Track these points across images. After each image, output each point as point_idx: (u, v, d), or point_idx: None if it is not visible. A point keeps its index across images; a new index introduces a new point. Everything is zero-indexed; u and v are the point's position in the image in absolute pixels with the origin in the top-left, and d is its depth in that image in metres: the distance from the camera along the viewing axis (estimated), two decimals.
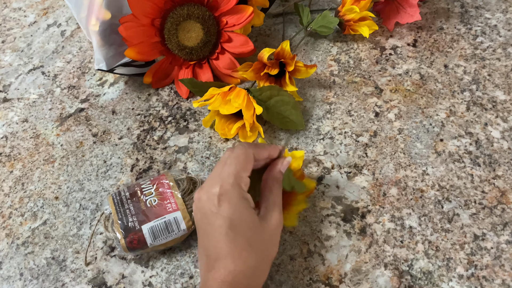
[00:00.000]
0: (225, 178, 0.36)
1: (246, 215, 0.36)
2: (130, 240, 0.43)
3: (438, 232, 0.45)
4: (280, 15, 0.67)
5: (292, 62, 0.53)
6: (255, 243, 0.36)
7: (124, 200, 0.45)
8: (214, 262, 0.35)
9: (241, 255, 0.35)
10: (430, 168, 0.49)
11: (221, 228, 0.35)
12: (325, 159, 0.51)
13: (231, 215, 0.35)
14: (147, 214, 0.44)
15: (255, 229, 0.36)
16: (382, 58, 0.60)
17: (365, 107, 0.55)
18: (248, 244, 0.35)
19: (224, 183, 0.36)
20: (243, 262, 0.34)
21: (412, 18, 0.61)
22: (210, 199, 0.36)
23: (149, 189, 0.46)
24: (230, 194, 0.36)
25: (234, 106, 0.50)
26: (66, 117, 0.59)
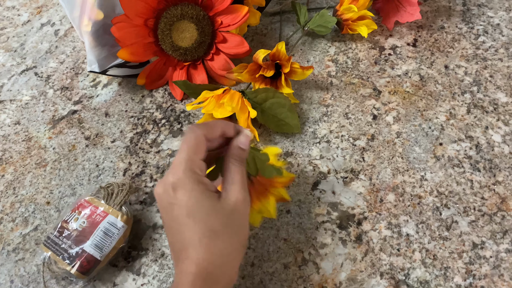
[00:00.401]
0: (176, 165, 0.34)
1: (203, 199, 0.34)
2: (80, 264, 0.43)
3: (436, 240, 0.44)
4: (277, 14, 0.66)
5: (288, 64, 0.52)
6: (217, 227, 0.34)
7: (56, 240, 0.45)
8: (179, 254, 0.34)
9: (202, 242, 0.33)
10: (429, 173, 0.48)
11: (179, 218, 0.33)
12: (321, 164, 0.50)
13: (186, 202, 0.33)
14: (82, 236, 0.44)
15: (215, 212, 0.34)
16: (381, 58, 0.59)
17: (363, 109, 0.54)
18: (208, 230, 0.33)
19: (176, 170, 0.34)
20: (206, 250, 0.33)
21: (412, 17, 0.59)
22: (166, 190, 0.34)
23: (73, 217, 0.46)
24: (183, 181, 0.34)
25: (228, 109, 0.49)
26: (59, 120, 0.58)
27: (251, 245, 0.45)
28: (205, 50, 0.57)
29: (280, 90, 0.54)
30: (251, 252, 0.45)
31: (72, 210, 0.47)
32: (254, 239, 0.45)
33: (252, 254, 0.44)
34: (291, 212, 0.47)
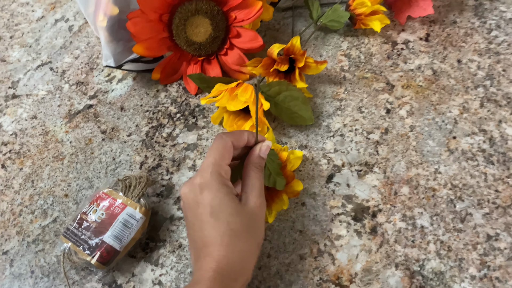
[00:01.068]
0: (205, 168, 0.37)
1: (226, 201, 0.36)
2: (99, 255, 0.44)
3: (450, 232, 0.44)
4: (290, 9, 0.66)
5: (302, 58, 0.53)
6: (238, 227, 0.36)
7: (75, 231, 0.46)
8: (200, 251, 0.35)
9: (224, 241, 0.35)
10: (443, 166, 0.49)
11: (202, 216, 0.35)
12: (335, 157, 0.51)
13: (211, 201, 0.36)
14: (102, 228, 0.45)
15: (237, 214, 0.36)
16: (394, 53, 0.59)
17: (376, 103, 0.54)
18: (230, 229, 0.35)
19: (204, 173, 0.37)
20: (227, 248, 0.35)
21: (425, 11, 0.60)
22: (192, 190, 0.37)
23: (92, 209, 0.47)
24: (209, 183, 0.36)
25: (241, 101, 0.49)
26: (75, 114, 0.59)
27: (267, 236, 0.46)
28: (219, 45, 0.58)
29: (294, 84, 0.54)
30: (267, 243, 0.45)
31: (90, 203, 0.48)
32: (270, 230, 0.46)
33: (268, 246, 0.45)
34: (306, 204, 0.47)
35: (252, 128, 0.52)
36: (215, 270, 0.34)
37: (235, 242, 0.35)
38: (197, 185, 0.36)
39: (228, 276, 0.34)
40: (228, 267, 0.34)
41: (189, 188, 0.37)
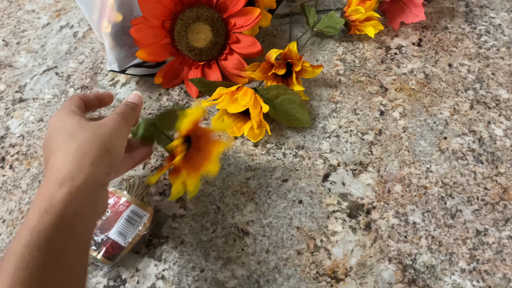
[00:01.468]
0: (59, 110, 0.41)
1: (70, 119, 0.39)
2: (105, 251, 0.46)
3: (441, 228, 0.46)
4: (287, 16, 0.69)
5: (299, 63, 0.55)
6: (76, 132, 0.37)
7: None
8: (46, 163, 0.37)
9: (65, 145, 0.36)
10: (434, 165, 0.51)
11: (51, 137, 0.38)
12: (331, 157, 0.53)
13: (58, 124, 0.39)
14: (107, 225, 0.47)
15: (80, 126, 0.38)
16: (387, 57, 0.61)
17: (370, 106, 0.57)
18: (68, 135, 0.37)
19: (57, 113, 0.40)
20: (64, 150, 0.36)
21: (417, 18, 0.62)
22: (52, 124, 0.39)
23: None
24: (59, 113, 0.40)
25: (242, 104, 0.51)
26: None
27: (266, 233, 0.48)
28: (219, 50, 0.60)
29: (291, 87, 0.56)
30: (266, 239, 0.47)
31: None
32: (268, 227, 0.48)
33: (267, 242, 0.47)
34: (303, 202, 0.49)
35: (252, 130, 0.54)
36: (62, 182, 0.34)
37: (73, 143, 0.36)
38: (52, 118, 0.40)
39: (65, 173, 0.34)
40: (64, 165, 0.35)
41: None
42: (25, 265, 0.31)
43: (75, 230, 0.34)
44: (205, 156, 0.48)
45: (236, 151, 0.55)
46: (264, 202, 0.50)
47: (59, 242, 0.33)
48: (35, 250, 0.32)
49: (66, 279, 0.33)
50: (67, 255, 0.33)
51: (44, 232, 0.32)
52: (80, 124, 0.38)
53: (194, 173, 0.45)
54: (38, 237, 0.32)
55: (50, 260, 0.32)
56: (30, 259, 0.31)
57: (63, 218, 0.33)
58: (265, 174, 0.52)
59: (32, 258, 0.31)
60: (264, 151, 0.54)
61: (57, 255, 0.33)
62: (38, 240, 0.32)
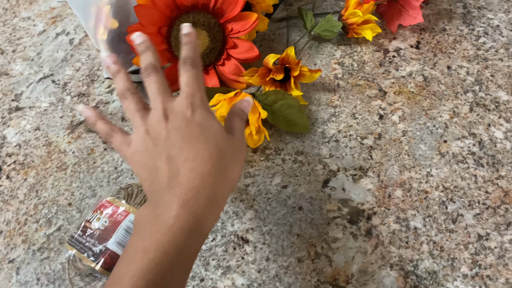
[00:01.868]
0: (192, 93, 0.37)
1: (216, 124, 0.37)
2: (104, 261, 0.45)
3: (443, 233, 0.46)
4: (284, 20, 0.68)
5: (297, 68, 0.54)
6: (226, 150, 0.36)
7: (80, 238, 0.48)
8: (180, 166, 0.34)
9: (212, 159, 0.35)
10: (434, 169, 0.50)
11: (192, 133, 0.35)
12: (330, 162, 0.52)
13: (202, 122, 0.36)
14: (105, 234, 0.47)
15: (225, 139, 0.37)
16: (386, 60, 0.61)
17: (369, 109, 0.56)
18: (218, 150, 0.35)
19: (193, 97, 0.37)
20: (212, 164, 0.34)
21: (415, 20, 0.62)
22: (183, 109, 0.36)
23: (95, 216, 0.48)
24: (200, 106, 0.37)
25: None
26: (77, 125, 0.60)
27: (266, 240, 0.47)
28: (216, 56, 0.59)
29: (290, 92, 0.56)
30: (266, 247, 0.47)
31: (94, 211, 0.49)
32: (268, 235, 0.47)
33: (267, 249, 0.47)
34: (303, 209, 0.49)
35: (251, 136, 0.53)
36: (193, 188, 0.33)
37: (221, 163, 0.35)
38: (188, 105, 0.36)
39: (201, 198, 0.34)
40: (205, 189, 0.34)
41: (180, 104, 0.37)
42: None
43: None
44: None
45: None
46: (264, 209, 0.49)
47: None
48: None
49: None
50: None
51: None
52: (226, 139, 0.37)
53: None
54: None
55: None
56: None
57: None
58: (265, 180, 0.52)
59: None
60: (263, 157, 0.54)
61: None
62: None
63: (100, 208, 0.49)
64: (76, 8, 0.65)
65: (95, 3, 0.61)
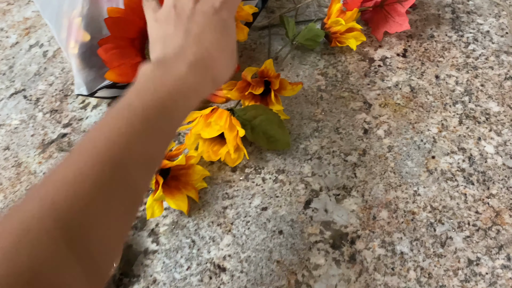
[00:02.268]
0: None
1: (234, 29, 0.42)
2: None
3: (431, 258, 0.43)
4: (266, 28, 0.66)
5: (276, 81, 0.52)
6: (234, 54, 0.42)
7: None
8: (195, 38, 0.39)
9: (225, 49, 0.40)
10: (422, 188, 0.48)
11: (217, 25, 0.40)
12: (313, 181, 0.49)
13: (227, 19, 0.41)
14: None
15: (235, 45, 0.42)
16: (371, 70, 0.58)
17: (354, 123, 0.53)
18: (231, 48, 0.41)
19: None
20: (224, 55, 0.40)
21: (401, 27, 0.59)
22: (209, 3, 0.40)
23: None
24: (230, 8, 0.41)
25: (216, 129, 0.48)
26: (48, 144, 0.57)
27: (244, 268, 0.44)
28: None
29: (270, 107, 0.53)
30: (243, 276, 0.44)
31: None
32: (246, 262, 0.45)
33: (244, 278, 0.44)
34: (283, 232, 0.46)
35: (228, 155, 0.50)
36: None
37: (230, 60, 0.41)
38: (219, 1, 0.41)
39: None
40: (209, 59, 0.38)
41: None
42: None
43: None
44: (184, 185, 0.49)
45: (212, 177, 0.51)
46: (242, 234, 0.47)
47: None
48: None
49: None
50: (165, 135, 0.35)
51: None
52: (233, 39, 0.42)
53: (174, 195, 0.47)
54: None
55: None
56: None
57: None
58: (244, 202, 0.49)
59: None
60: (242, 177, 0.51)
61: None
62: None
63: None
64: (49, 19, 0.62)
65: (66, 15, 0.58)
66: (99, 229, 0.27)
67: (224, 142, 0.52)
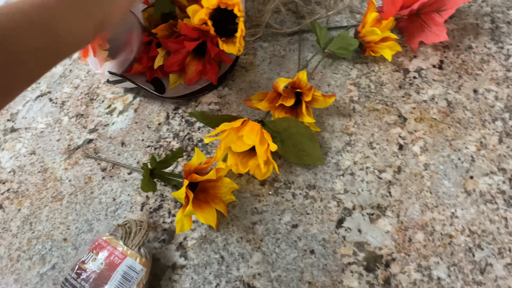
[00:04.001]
0: None
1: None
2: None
3: (469, 285, 0.42)
4: (296, 34, 0.64)
5: (309, 93, 0.50)
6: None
7: (74, 282, 0.44)
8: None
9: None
10: (459, 209, 0.46)
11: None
12: (345, 198, 0.48)
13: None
14: (101, 279, 0.43)
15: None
16: (406, 82, 0.56)
17: (388, 138, 0.52)
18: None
19: None
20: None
21: (438, 38, 0.57)
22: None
23: (91, 257, 0.45)
24: None
25: (247, 143, 0.47)
26: (74, 149, 0.57)
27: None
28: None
29: (301, 118, 0.52)
30: None
31: (89, 250, 0.46)
32: (277, 282, 0.44)
33: None
34: (315, 252, 0.45)
35: (258, 168, 0.49)
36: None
37: None
38: None
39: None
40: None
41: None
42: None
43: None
44: (212, 198, 0.48)
45: (241, 190, 0.50)
46: (272, 252, 0.46)
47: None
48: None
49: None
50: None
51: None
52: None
53: (203, 209, 0.46)
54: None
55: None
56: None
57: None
58: (273, 218, 0.48)
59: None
60: (271, 191, 0.50)
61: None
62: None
63: (96, 248, 0.45)
64: None
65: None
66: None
67: (253, 154, 0.51)
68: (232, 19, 0.51)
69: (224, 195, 0.48)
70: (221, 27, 0.52)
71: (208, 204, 0.47)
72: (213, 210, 0.47)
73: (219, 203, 0.48)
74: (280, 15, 0.67)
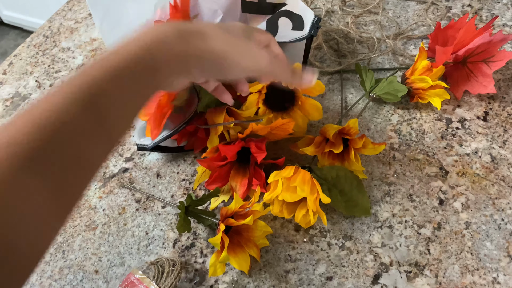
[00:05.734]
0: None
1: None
2: None
3: None
4: (337, 73, 0.63)
5: (360, 141, 0.49)
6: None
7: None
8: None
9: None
10: (502, 275, 0.44)
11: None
12: (383, 253, 0.47)
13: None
14: None
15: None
16: (448, 132, 0.55)
17: (428, 191, 0.50)
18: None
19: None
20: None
21: (486, 89, 0.56)
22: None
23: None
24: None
25: (300, 195, 0.46)
26: (110, 178, 0.57)
27: None
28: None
29: (348, 164, 0.51)
30: None
31: (121, 287, 0.45)
32: None
33: None
34: None
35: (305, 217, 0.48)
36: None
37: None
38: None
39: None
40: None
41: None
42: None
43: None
44: (245, 241, 0.48)
45: (275, 235, 0.50)
46: None
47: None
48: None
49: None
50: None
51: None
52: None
53: (236, 253, 0.46)
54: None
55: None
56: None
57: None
58: (307, 267, 0.47)
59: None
60: (306, 238, 0.49)
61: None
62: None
63: (128, 286, 0.45)
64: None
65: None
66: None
67: (300, 201, 0.49)
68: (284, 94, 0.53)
69: (257, 238, 0.48)
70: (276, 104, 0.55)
71: (241, 248, 0.47)
72: (246, 255, 0.47)
73: (252, 247, 0.47)
74: (321, 51, 0.66)
